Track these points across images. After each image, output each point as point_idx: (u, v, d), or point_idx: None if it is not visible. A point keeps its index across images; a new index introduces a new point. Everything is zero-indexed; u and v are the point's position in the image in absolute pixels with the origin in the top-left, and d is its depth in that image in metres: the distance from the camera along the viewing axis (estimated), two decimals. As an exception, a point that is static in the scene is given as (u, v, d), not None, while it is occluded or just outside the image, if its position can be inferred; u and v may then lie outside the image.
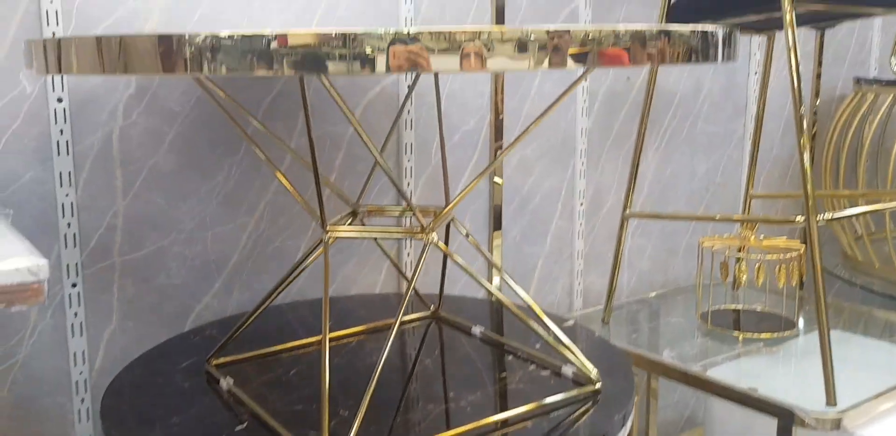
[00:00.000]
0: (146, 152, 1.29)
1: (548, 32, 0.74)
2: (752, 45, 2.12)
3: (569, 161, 1.82)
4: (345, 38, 0.69)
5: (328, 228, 1.04)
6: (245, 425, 0.99)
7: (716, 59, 0.88)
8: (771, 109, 2.20)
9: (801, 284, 1.73)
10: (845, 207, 2.16)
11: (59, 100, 1.20)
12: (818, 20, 1.80)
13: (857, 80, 2.16)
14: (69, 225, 1.23)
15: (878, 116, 2.12)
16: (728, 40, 0.90)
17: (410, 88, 1.40)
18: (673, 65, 0.81)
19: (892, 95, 2.07)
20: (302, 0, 1.39)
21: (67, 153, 1.21)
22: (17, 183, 1.19)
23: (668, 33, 0.81)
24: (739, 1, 1.50)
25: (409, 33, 0.70)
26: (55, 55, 0.78)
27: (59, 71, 0.80)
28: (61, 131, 1.20)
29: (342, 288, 1.53)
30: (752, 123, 2.14)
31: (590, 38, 0.76)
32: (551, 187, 1.81)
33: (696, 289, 1.85)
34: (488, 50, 0.71)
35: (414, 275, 1.04)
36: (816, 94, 2.32)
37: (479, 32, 0.71)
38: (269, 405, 1.03)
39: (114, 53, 0.75)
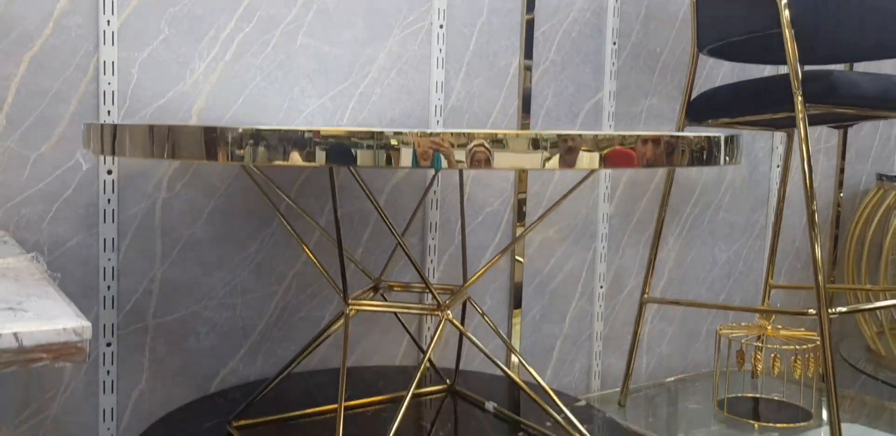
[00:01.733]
0: (186, 222, 1.37)
1: (559, 136, 0.81)
2: (774, 139, 2.19)
3: (590, 244, 1.88)
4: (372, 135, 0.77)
5: (350, 301, 1.10)
6: (257, 486, 1.04)
7: (718, 162, 0.94)
8: (794, 201, 2.25)
9: (822, 375, 1.74)
10: (869, 302, 2.17)
11: (109, 172, 1.29)
12: (835, 120, 1.87)
13: (880, 177, 2.21)
14: (109, 288, 1.31)
15: (900, 212, 2.16)
16: (731, 146, 0.96)
17: (437, 170, 1.48)
18: (677, 167, 0.87)
19: (912, 192, 2.11)
20: (339, 87, 1.50)
21: (113, 221, 1.30)
22: (64, 247, 1.28)
23: (675, 139, 0.88)
24: (756, 102, 1.58)
25: (430, 133, 0.78)
26: (111, 139, 0.87)
27: (113, 154, 0.89)
28: (109, 200, 1.29)
29: (362, 359, 1.58)
30: (774, 214, 2.18)
31: (599, 141, 0.83)
32: (572, 269, 1.86)
33: (715, 383, 1.87)
34: (504, 148, 0.79)
35: (429, 349, 1.09)
36: (840, 189, 2.37)
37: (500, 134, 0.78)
38: (282, 469, 1.08)
39: (163, 141, 0.83)
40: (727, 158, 0.94)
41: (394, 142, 0.77)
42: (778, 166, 2.20)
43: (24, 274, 0.88)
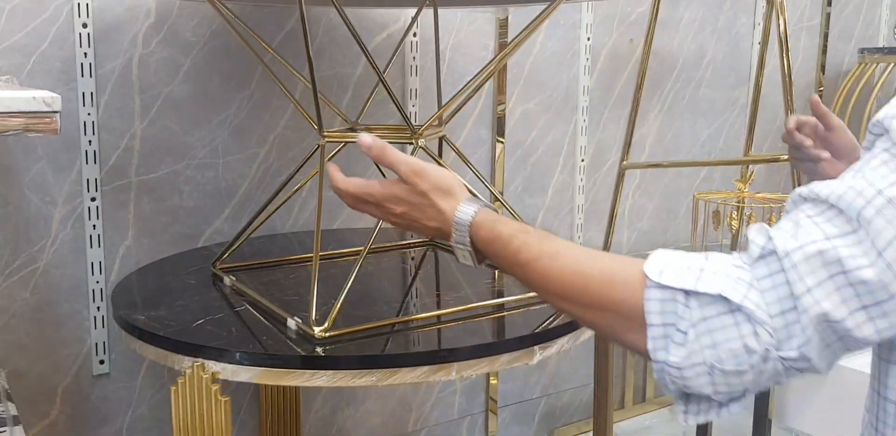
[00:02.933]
0: (163, 80, 1.38)
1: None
2: (756, 15, 2.18)
3: (571, 117, 1.89)
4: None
5: (324, 133, 1.12)
6: (244, 307, 1.08)
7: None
8: (776, 79, 2.25)
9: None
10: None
11: (84, 25, 1.29)
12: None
13: (861, 51, 2.22)
14: (90, 142, 1.32)
15: (879, 85, 2.17)
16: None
17: (414, 18, 1.49)
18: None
19: (894, 63, 2.12)
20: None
21: (91, 75, 1.31)
22: (43, 100, 1.29)
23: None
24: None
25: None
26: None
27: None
28: (85, 54, 1.30)
29: (348, 223, 1.61)
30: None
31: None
32: (553, 142, 1.88)
33: (693, 247, 1.91)
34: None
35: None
36: (822, 69, 2.37)
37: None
38: (267, 296, 1.11)
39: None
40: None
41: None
42: (759, 43, 2.20)
43: (2, 87, 0.90)
